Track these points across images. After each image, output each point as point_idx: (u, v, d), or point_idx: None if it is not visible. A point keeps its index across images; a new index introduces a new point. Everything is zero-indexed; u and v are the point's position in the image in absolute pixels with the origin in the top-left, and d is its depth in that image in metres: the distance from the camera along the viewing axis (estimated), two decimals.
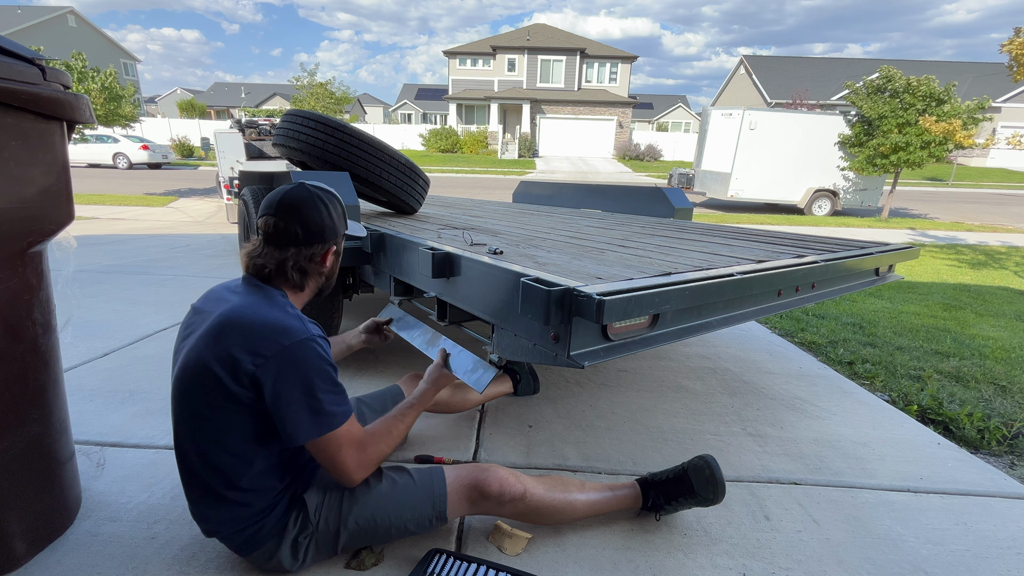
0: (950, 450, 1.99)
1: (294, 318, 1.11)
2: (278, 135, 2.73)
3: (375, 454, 1.18)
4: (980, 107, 10.14)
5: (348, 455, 1.13)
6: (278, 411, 1.06)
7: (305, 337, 1.08)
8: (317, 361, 1.09)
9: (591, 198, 3.98)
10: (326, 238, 1.22)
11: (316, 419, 1.08)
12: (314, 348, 1.09)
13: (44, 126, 1.14)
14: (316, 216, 1.20)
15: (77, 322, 2.99)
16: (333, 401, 1.10)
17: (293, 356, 1.06)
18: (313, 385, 1.07)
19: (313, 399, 1.07)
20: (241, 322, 1.08)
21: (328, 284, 1.31)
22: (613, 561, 1.34)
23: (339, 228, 1.26)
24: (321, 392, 1.08)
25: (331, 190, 1.27)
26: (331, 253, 1.25)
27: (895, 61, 32.24)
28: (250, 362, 1.04)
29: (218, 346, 1.06)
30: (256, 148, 6.61)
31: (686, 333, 1.43)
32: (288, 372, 1.06)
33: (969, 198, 17.34)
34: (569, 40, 29.67)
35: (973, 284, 5.35)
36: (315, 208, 1.21)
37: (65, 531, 1.35)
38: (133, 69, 38.05)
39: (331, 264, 1.28)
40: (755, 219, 10.62)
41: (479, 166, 22.34)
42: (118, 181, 13.79)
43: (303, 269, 1.21)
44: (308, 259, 1.21)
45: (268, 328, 1.07)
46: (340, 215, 1.26)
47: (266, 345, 1.05)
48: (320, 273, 1.26)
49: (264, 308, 1.11)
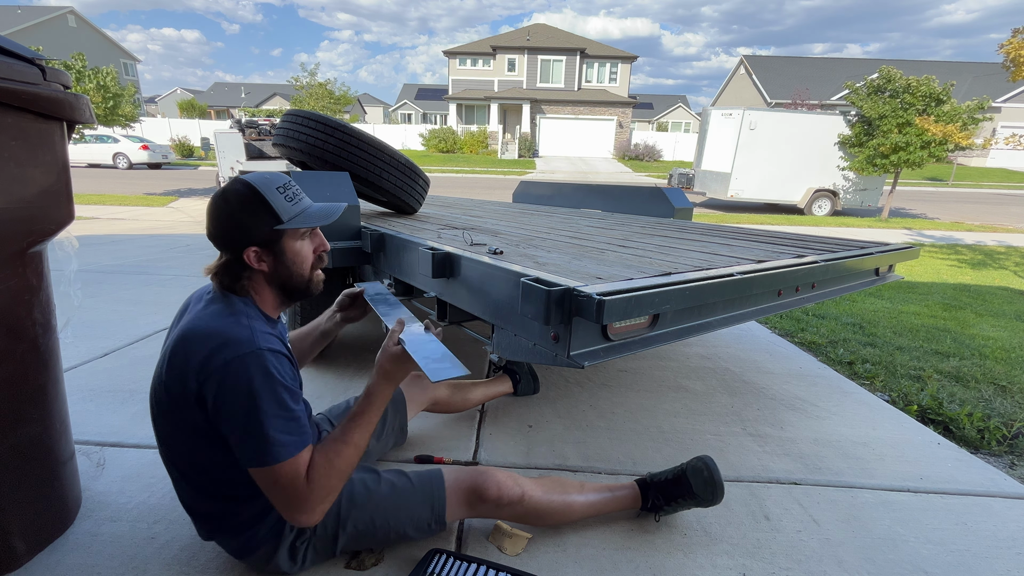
0: (950, 450, 1.99)
1: (244, 328, 1.01)
2: (278, 135, 2.73)
3: (321, 490, 1.02)
4: (980, 107, 10.13)
5: (286, 490, 1.00)
6: (225, 432, 0.99)
7: (249, 351, 0.97)
8: (263, 378, 0.97)
9: (591, 198, 3.98)
10: (236, 241, 1.06)
11: (255, 446, 0.97)
12: (260, 363, 0.98)
13: (44, 126, 1.14)
14: (219, 216, 1.06)
15: (77, 322, 2.99)
16: (280, 427, 0.97)
17: (235, 371, 0.96)
18: (256, 407, 0.96)
19: (254, 422, 0.96)
20: (189, 337, 1.01)
21: (293, 284, 1.14)
22: (613, 561, 1.34)
23: (252, 229, 1.06)
24: (265, 415, 0.96)
25: (256, 182, 1.07)
26: (252, 256, 1.07)
27: (895, 61, 32.24)
28: (194, 379, 0.98)
29: (171, 366, 1.01)
30: (256, 148, 6.61)
31: (686, 333, 1.43)
32: (228, 389, 0.96)
33: (969, 198, 17.34)
34: (569, 40, 29.67)
35: (973, 284, 5.35)
36: (216, 208, 1.07)
37: (65, 531, 1.35)
38: (133, 69, 38.05)
39: (269, 266, 1.10)
40: (755, 219, 10.61)
41: (479, 166, 22.34)
42: (118, 181, 13.78)
43: (234, 276, 1.09)
44: (232, 267, 1.08)
45: (211, 341, 0.99)
46: (258, 212, 1.05)
47: (207, 359, 0.97)
48: (261, 273, 1.11)
49: (216, 319, 1.03)
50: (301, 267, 1.14)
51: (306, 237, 1.15)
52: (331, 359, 2.59)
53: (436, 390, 1.83)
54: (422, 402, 1.79)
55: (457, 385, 1.93)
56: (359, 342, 2.88)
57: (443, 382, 1.86)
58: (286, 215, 1.08)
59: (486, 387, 2.06)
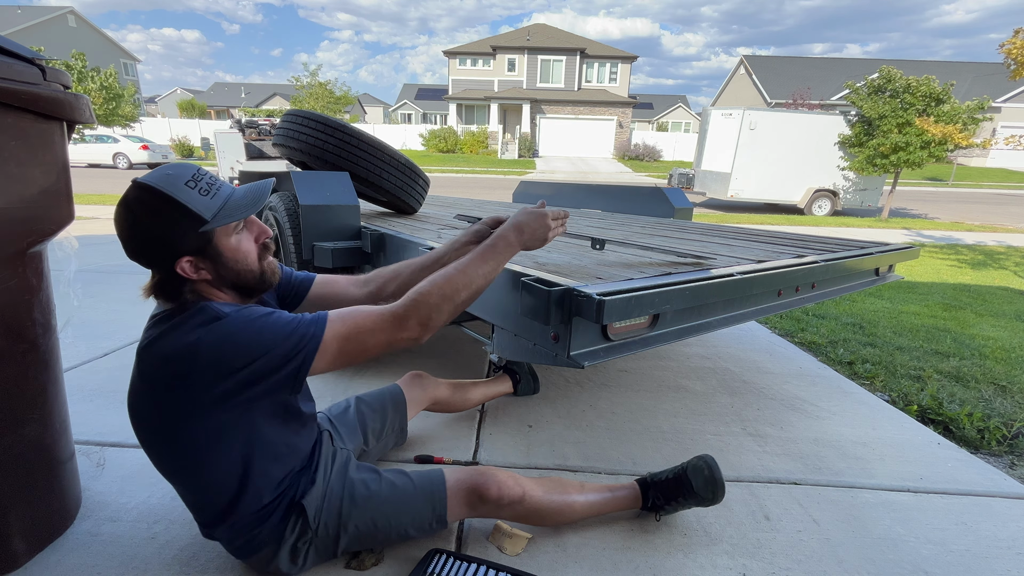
0: (950, 450, 1.99)
1: (203, 315, 0.95)
2: (278, 135, 2.73)
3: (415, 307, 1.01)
4: (980, 107, 10.14)
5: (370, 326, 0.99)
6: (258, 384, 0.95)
7: (214, 320, 0.93)
8: (244, 323, 0.93)
9: (591, 198, 3.98)
10: (161, 256, 0.95)
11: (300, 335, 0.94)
12: (233, 321, 0.93)
13: (44, 126, 1.14)
14: (130, 233, 0.94)
15: (77, 322, 2.99)
16: (291, 319, 0.96)
17: (218, 340, 0.92)
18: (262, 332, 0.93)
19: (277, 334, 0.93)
20: (153, 355, 0.96)
21: (244, 280, 1.04)
22: (613, 561, 1.34)
23: (173, 241, 0.94)
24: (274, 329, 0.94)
25: (159, 184, 0.93)
26: (186, 268, 0.96)
27: (894, 61, 32.25)
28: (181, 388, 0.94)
29: (147, 381, 0.98)
30: (256, 148, 6.61)
31: (686, 333, 1.43)
32: (228, 352, 0.92)
33: (969, 198, 17.34)
34: (569, 40, 29.69)
35: (973, 284, 5.35)
36: (124, 223, 0.94)
37: (65, 531, 1.35)
38: (133, 69, 38.07)
39: (210, 269, 0.99)
40: (755, 219, 10.61)
41: (479, 166, 22.34)
42: (118, 181, 13.77)
43: (175, 291, 0.99)
44: (169, 284, 0.99)
45: (174, 343, 0.93)
46: (174, 218, 0.93)
47: (183, 358, 0.93)
48: (204, 280, 1.00)
49: (164, 325, 0.97)
50: (245, 263, 1.03)
51: (241, 230, 1.03)
52: None
53: (436, 389, 1.83)
54: (422, 402, 1.79)
55: (457, 385, 1.93)
56: None
57: (443, 382, 1.87)
58: (208, 212, 0.95)
59: (486, 387, 2.06)
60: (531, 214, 1.17)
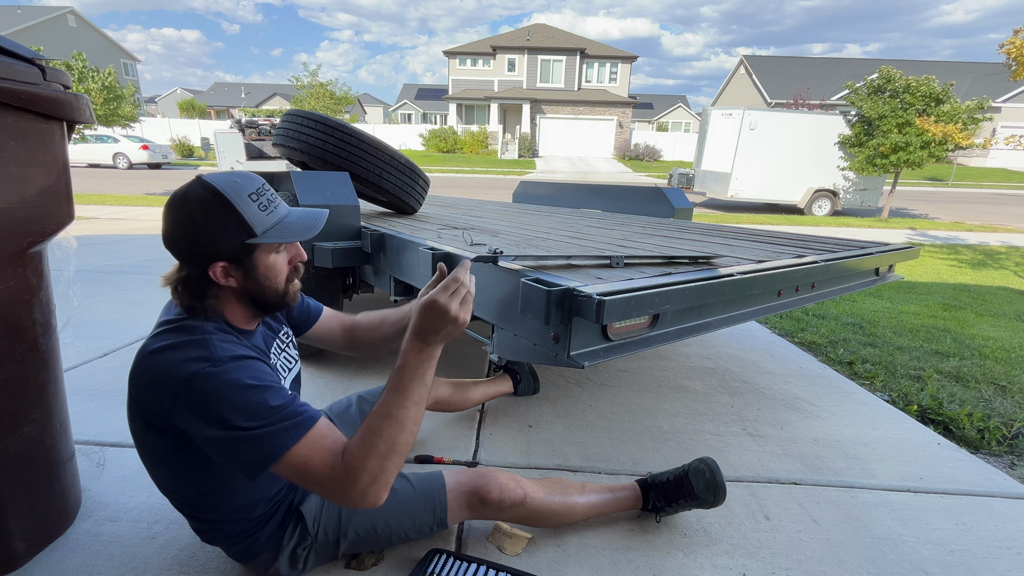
0: (950, 450, 1.99)
1: (198, 347, 0.91)
2: (278, 135, 2.73)
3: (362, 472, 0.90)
4: (980, 107, 10.14)
5: (319, 476, 0.90)
6: (218, 454, 0.90)
7: (207, 371, 0.88)
8: (230, 389, 0.88)
9: (591, 198, 3.98)
10: (200, 255, 0.95)
11: (256, 449, 0.87)
12: (223, 377, 0.88)
13: (44, 126, 1.14)
14: (179, 224, 0.94)
15: (77, 322, 2.99)
16: (269, 420, 0.87)
17: (201, 394, 0.87)
18: (235, 417, 0.86)
19: (240, 432, 0.86)
20: (143, 372, 0.93)
21: (265, 299, 1.02)
22: (613, 561, 1.34)
23: (216, 242, 0.93)
24: (249, 419, 0.87)
25: (222, 186, 0.93)
26: (218, 272, 0.96)
27: (894, 61, 32.25)
28: (163, 414, 0.91)
29: (134, 398, 0.96)
30: (256, 148, 6.62)
31: (686, 333, 1.43)
32: (201, 413, 0.87)
33: (969, 198, 17.34)
34: (569, 40, 29.69)
35: (973, 284, 5.35)
36: (176, 214, 0.94)
37: (65, 531, 1.35)
38: (133, 69, 38.06)
39: (238, 281, 0.98)
40: (755, 219, 10.61)
41: (479, 166, 22.34)
42: (118, 181, 13.78)
43: (195, 294, 0.98)
44: (193, 283, 0.97)
45: (169, 368, 0.90)
46: (225, 221, 0.93)
47: (171, 387, 0.89)
48: (229, 288, 0.99)
49: (170, 347, 0.92)
50: (275, 282, 1.02)
51: (281, 249, 1.02)
52: (331, 359, 2.59)
53: (436, 389, 1.83)
54: None
55: (457, 384, 1.93)
56: None
57: (444, 381, 1.87)
58: (260, 227, 0.95)
59: (486, 387, 2.06)
60: (425, 312, 0.96)
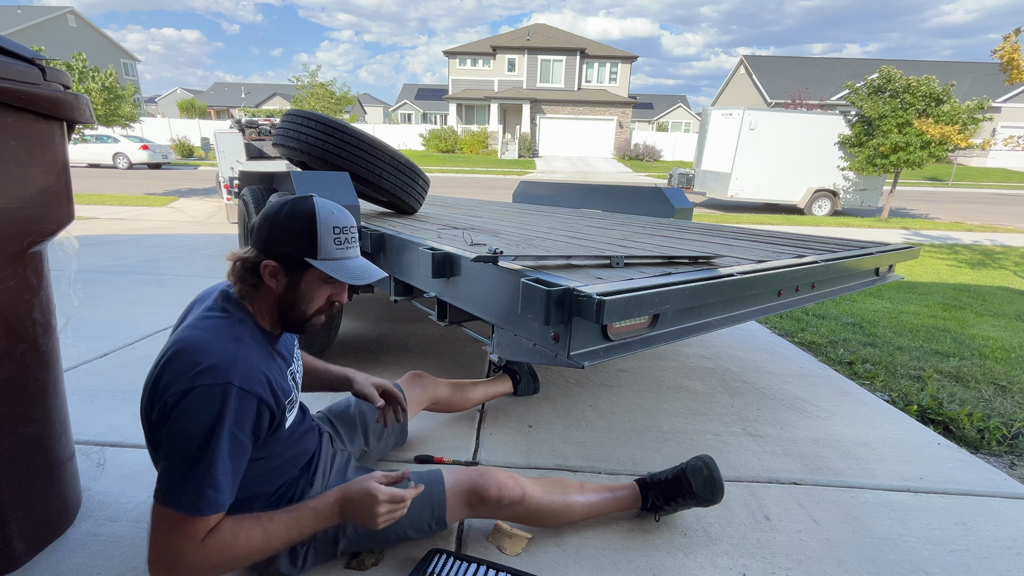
0: (950, 450, 1.99)
1: (226, 355, 0.95)
2: (278, 135, 2.73)
3: (207, 561, 0.92)
4: (980, 107, 10.13)
5: (163, 542, 0.91)
6: (155, 450, 0.95)
7: (217, 383, 0.91)
8: (217, 418, 0.90)
9: (591, 198, 3.98)
10: (261, 246, 1.04)
11: (177, 485, 0.90)
12: (222, 401, 0.91)
13: (44, 126, 1.14)
14: (273, 214, 1.04)
15: (77, 322, 2.99)
16: (208, 479, 0.89)
17: (194, 400, 0.90)
18: (200, 447, 0.89)
19: (194, 466, 0.89)
20: (176, 350, 0.96)
21: (292, 316, 1.08)
22: (613, 561, 1.34)
23: (281, 245, 1.02)
24: (201, 459, 0.89)
25: (320, 210, 1.04)
26: (268, 269, 1.03)
27: (894, 61, 32.25)
28: (160, 393, 0.93)
29: (154, 379, 0.96)
30: (256, 148, 6.61)
31: (686, 333, 1.43)
32: (181, 419, 0.90)
33: (969, 198, 17.34)
34: (569, 40, 29.67)
35: (973, 284, 5.35)
36: (277, 206, 1.04)
37: (65, 531, 1.35)
38: (133, 69, 38.06)
39: (279, 286, 1.05)
40: (755, 219, 10.61)
41: (479, 166, 22.34)
42: (118, 181, 13.78)
43: (243, 277, 1.06)
44: (247, 265, 1.05)
45: (188, 358, 0.94)
46: (298, 235, 1.02)
47: (175, 377, 0.92)
48: (269, 289, 1.06)
49: (203, 332, 0.98)
50: (305, 306, 1.08)
51: (329, 282, 1.08)
52: (331, 359, 2.58)
53: (436, 389, 1.83)
54: (422, 402, 1.79)
55: (457, 384, 1.93)
56: (359, 342, 2.88)
57: (443, 381, 1.87)
58: (322, 254, 1.03)
59: (486, 387, 2.06)
60: (363, 493, 1.05)
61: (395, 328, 3.14)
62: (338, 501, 1.06)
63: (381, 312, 3.47)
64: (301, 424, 1.22)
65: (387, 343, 2.88)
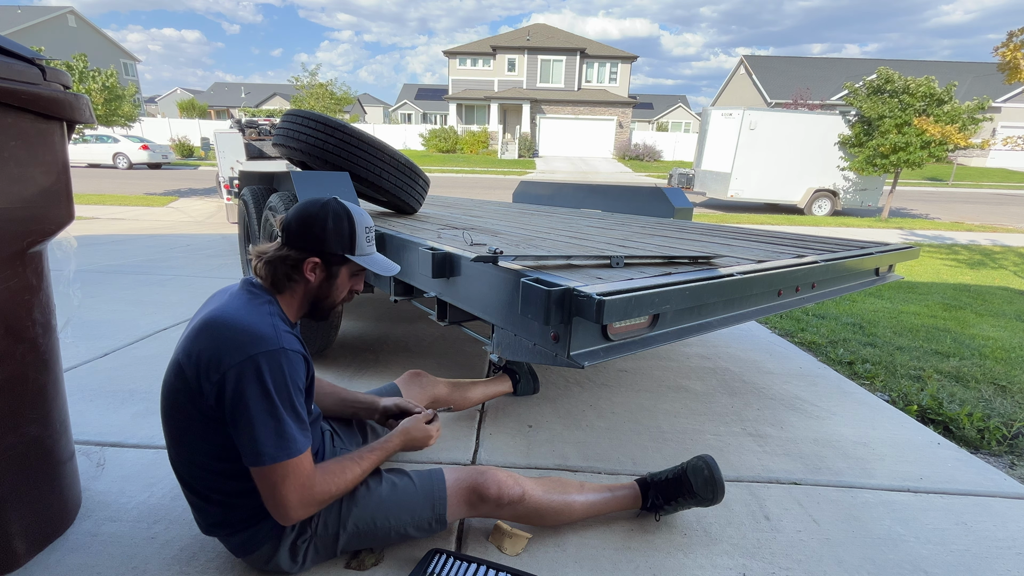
0: (950, 450, 1.99)
1: (268, 325, 1.06)
2: (278, 135, 2.73)
3: (322, 494, 1.10)
4: (980, 107, 10.13)
5: (292, 489, 1.04)
6: (235, 425, 1.02)
7: (273, 349, 1.02)
8: (281, 377, 1.02)
9: (591, 198, 3.98)
10: (306, 246, 1.15)
11: (269, 442, 1.01)
12: (280, 362, 1.03)
13: (44, 126, 1.14)
14: (310, 217, 1.15)
15: (77, 322, 2.99)
16: (293, 427, 1.03)
17: (257, 367, 1.00)
18: (273, 403, 1.01)
19: (270, 419, 1.01)
20: (215, 325, 1.05)
21: (323, 305, 1.23)
22: (613, 561, 1.34)
23: (329, 245, 1.16)
24: (277, 414, 1.01)
25: (353, 212, 1.19)
26: (311, 265, 1.16)
27: (894, 61, 32.25)
28: (215, 368, 1.01)
29: (192, 349, 1.04)
30: (256, 148, 6.60)
31: (686, 333, 1.43)
32: (249, 384, 1.00)
33: (969, 198, 17.34)
34: (569, 40, 29.66)
35: (973, 284, 5.35)
36: (313, 210, 1.16)
37: (65, 531, 1.35)
38: (133, 69, 38.05)
39: (316, 279, 1.19)
40: (755, 219, 10.61)
41: (479, 166, 22.34)
42: (118, 181, 13.78)
43: (284, 273, 1.16)
44: (289, 262, 1.15)
45: (238, 333, 1.03)
46: (343, 235, 1.16)
47: (232, 351, 1.01)
48: (305, 283, 1.18)
49: (242, 312, 1.07)
50: (337, 295, 1.24)
51: (357, 274, 1.25)
52: (331, 359, 2.59)
53: (435, 388, 1.83)
54: (421, 400, 1.79)
55: (456, 384, 1.93)
56: (359, 342, 2.88)
57: (442, 380, 1.87)
58: (359, 250, 1.19)
59: (486, 386, 2.06)
60: (416, 423, 1.35)
61: (395, 328, 3.14)
62: (402, 434, 1.32)
63: (381, 312, 3.47)
64: (310, 413, 1.25)
65: (387, 343, 2.88)
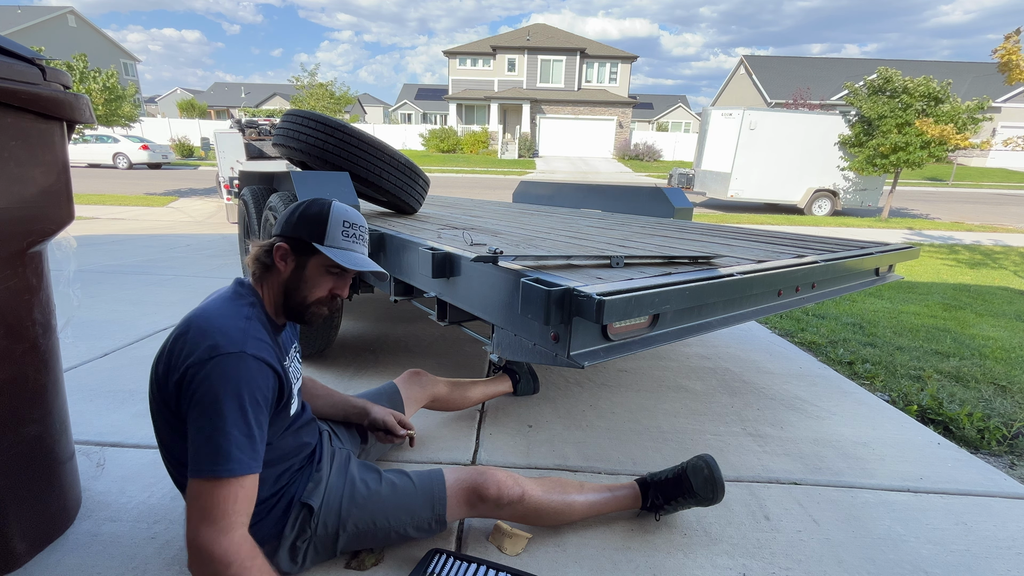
0: (950, 450, 1.99)
1: (236, 329, 1.01)
2: (278, 135, 2.73)
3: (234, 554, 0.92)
4: (980, 107, 10.13)
5: (200, 517, 0.92)
6: (186, 427, 0.98)
7: (232, 352, 0.97)
8: (234, 385, 0.95)
9: (591, 198, 3.98)
10: (279, 230, 1.15)
11: (201, 452, 0.93)
12: (238, 368, 0.96)
13: (44, 126, 1.14)
14: (291, 208, 1.16)
15: (77, 322, 2.99)
16: (232, 442, 0.93)
17: (208, 369, 0.95)
18: (218, 411, 0.94)
19: (208, 426, 0.93)
20: (188, 324, 1.03)
21: (295, 298, 1.15)
22: (613, 561, 1.34)
23: (297, 230, 1.12)
24: (222, 423, 0.93)
25: (336, 206, 1.16)
26: (280, 252, 1.13)
27: (893, 61, 32.22)
28: (176, 368, 0.99)
29: (165, 347, 1.04)
30: (256, 148, 6.60)
31: (686, 333, 1.43)
32: (199, 385, 0.95)
33: (969, 198, 17.34)
34: (569, 40, 29.66)
35: (973, 284, 5.35)
36: (299, 204, 1.17)
37: (65, 531, 1.35)
38: (133, 69, 38.04)
39: (287, 269, 1.14)
40: (755, 219, 10.61)
41: (479, 166, 22.34)
42: (118, 181, 13.78)
43: (263, 262, 1.15)
44: (265, 248, 1.15)
45: (202, 333, 1.00)
46: (312, 222, 1.12)
47: (193, 351, 0.98)
48: (277, 272, 1.15)
49: (217, 312, 1.05)
50: (307, 291, 1.15)
51: (333, 273, 1.16)
52: (331, 359, 2.59)
53: (435, 387, 1.83)
54: (420, 400, 1.79)
55: (456, 383, 1.93)
56: (359, 342, 2.88)
57: (442, 380, 1.87)
58: (329, 241, 1.13)
59: (485, 386, 2.06)
60: None
61: (395, 328, 3.14)
62: None
63: (381, 312, 3.47)
64: (301, 416, 1.25)
65: (387, 343, 2.88)
